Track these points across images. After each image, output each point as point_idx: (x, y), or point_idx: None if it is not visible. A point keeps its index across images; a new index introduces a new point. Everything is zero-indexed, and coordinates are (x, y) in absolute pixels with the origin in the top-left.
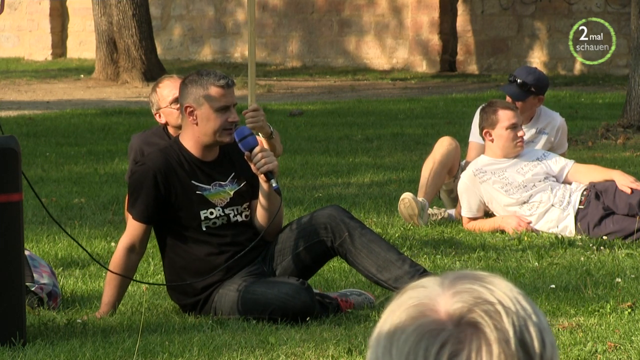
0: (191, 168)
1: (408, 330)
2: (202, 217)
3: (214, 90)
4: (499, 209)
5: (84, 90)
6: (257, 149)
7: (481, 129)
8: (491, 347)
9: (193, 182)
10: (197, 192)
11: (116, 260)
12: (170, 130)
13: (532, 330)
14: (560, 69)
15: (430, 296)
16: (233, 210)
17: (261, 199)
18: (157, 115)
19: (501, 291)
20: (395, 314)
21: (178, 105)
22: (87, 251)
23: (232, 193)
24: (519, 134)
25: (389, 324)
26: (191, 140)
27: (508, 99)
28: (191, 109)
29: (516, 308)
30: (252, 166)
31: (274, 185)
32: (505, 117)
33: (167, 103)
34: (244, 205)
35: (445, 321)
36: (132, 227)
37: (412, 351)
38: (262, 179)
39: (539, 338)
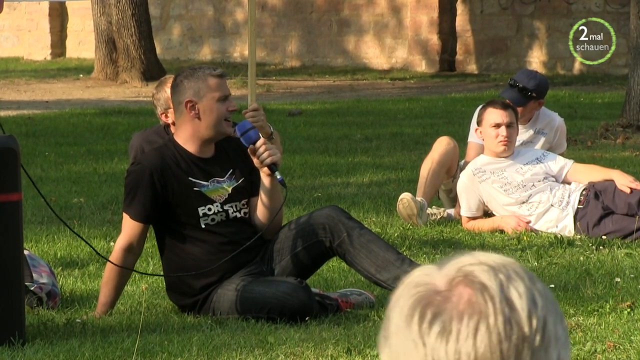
0: (188, 165)
1: (405, 297)
2: (201, 214)
3: (212, 81)
4: (498, 209)
5: (83, 89)
6: (259, 141)
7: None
8: (474, 301)
9: (190, 179)
10: (195, 188)
11: (114, 261)
12: (174, 130)
13: (520, 288)
14: (559, 68)
15: (426, 272)
16: (232, 206)
17: (262, 195)
18: (164, 114)
19: (487, 257)
20: (397, 293)
21: None
22: (90, 245)
23: (230, 189)
24: (503, 133)
25: (392, 305)
26: (189, 137)
27: (508, 102)
28: (192, 103)
29: (504, 268)
30: (254, 160)
31: (278, 177)
32: (491, 115)
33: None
34: (243, 202)
35: (439, 284)
36: (130, 227)
37: (403, 313)
38: (265, 172)
39: (529, 296)
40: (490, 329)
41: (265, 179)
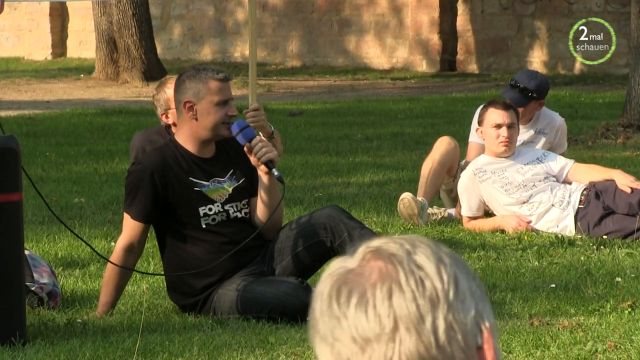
0: (188, 165)
1: (323, 282)
2: (201, 214)
3: (213, 84)
4: (499, 209)
5: (84, 89)
6: (256, 139)
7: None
8: (385, 271)
9: (191, 179)
10: (196, 188)
11: (114, 261)
12: (174, 131)
13: (426, 251)
14: (560, 68)
15: (344, 260)
16: (232, 206)
17: (261, 193)
18: (164, 115)
19: (394, 237)
20: (320, 286)
21: None
22: (90, 246)
23: (230, 189)
24: (504, 133)
25: (317, 295)
26: (188, 137)
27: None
28: (191, 104)
29: (404, 238)
30: (251, 158)
31: (275, 174)
32: (492, 116)
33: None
34: (243, 202)
35: (353, 265)
36: (130, 227)
37: (324, 301)
38: (262, 170)
39: (435, 256)
40: (404, 289)
41: (263, 177)
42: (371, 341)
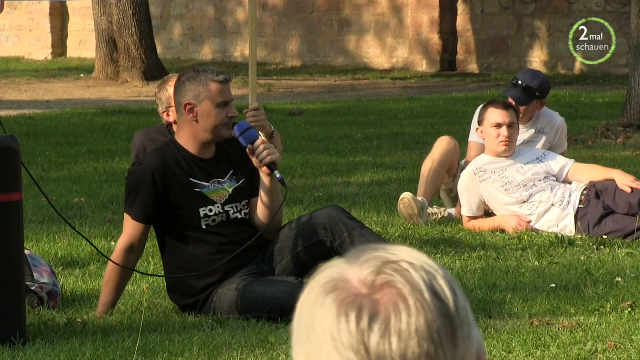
0: (189, 166)
1: (326, 305)
2: (202, 215)
3: (213, 87)
4: (499, 208)
5: (84, 89)
6: (258, 141)
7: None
8: (407, 299)
9: (191, 179)
10: (196, 189)
11: (115, 261)
12: (176, 129)
13: (441, 282)
14: (560, 68)
15: (340, 271)
16: (233, 207)
17: (262, 195)
18: (165, 113)
19: (402, 252)
20: (311, 295)
21: None
22: (91, 243)
23: (231, 190)
24: (504, 133)
25: (307, 305)
26: (189, 138)
27: (510, 101)
28: (191, 106)
29: (421, 264)
30: (254, 160)
31: (277, 176)
32: (492, 115)
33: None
34: (243, 203)
35: (359, 288)
36: (131, 228)
37: (334, 323)
38: (264, 171)
39: (450, 287)
40: (428, 322)
41: (265, 179)
42: None
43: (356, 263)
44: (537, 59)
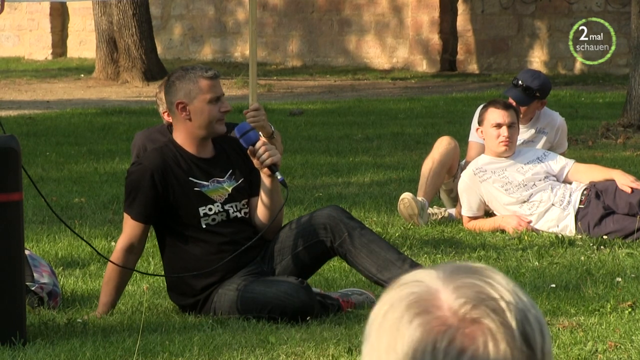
0: (188, 165)
1: (413, 326)
2: (201, 214)
3: (203, 83)
4: (499, 208)
5: (84, 89)
6: (259, 142)
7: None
8: (498, 343)
9: (191, 179)
10: (195, 188)
11: (115, 261)
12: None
13: (533, 323)
14: (560, 68)
15: (430, 291)
16: (232, 206)
17: (263, 196)
18: (166, 113)
19: (500, 285)
20: (396, 309)
21: None
22: (91, 245)
23: (230, 189)
24: (504, 133)
25: (390, 319)
26: (186, 137)
27: (511, 101)
28: (183, 104)
29: (516, 301)
30: (254, 161)
31: (279, 177)
32: (492, 115)
33: None
34: (243, 202)
35: (449, 317)
36: (131, 227)
37: (419, 348)
38: (265, 172)
39: (539, 329)
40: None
41: (265, 180)
42: None
43: (449, 285)
44: (537, 59)
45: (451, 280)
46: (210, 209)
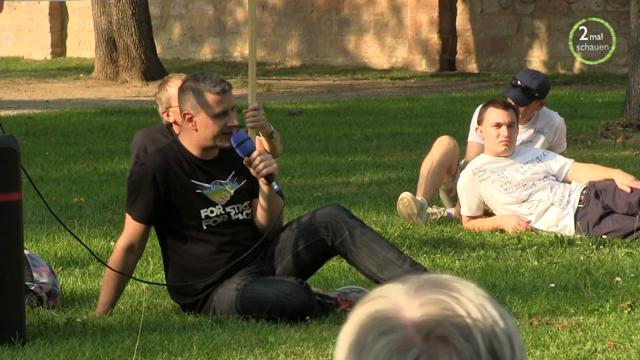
0: (190, 167)
1: (377, 347)
2: (203, 216)
3: (210, 98)
4: (499, 208)
5: (84, 89)
6: (255, 153)
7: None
8: (461, 353)
9: (193, 181)
10: (197, 190)
11: (115, 260)
12: (176, 129)
13: (501, 338)
14: (559, 67)
15: (395, 309)
16: (234, 208)
17: (261, 201)
18: (165, 113)
19: (467, 299)
20: (361, 328)
21: None
22: (88, 248)
23: (232, 191)
24: (504, 133)
25: (356, 336)
26: (190, 142)
27: (510, 101)
28: (189, 116)
29: (483, 316)
30: (252, 171)
31: (275, 187)
32: (492, 115)
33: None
34: (245, 204)
35: (414, 336)
36: (132, 228)
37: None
38: (262, 181)
39: (508, 344)
40: None
41: (263, 186)
42: None
43: (415, 301)
44: (537, 59)
45: (417, 295)
46: (211, 212)
